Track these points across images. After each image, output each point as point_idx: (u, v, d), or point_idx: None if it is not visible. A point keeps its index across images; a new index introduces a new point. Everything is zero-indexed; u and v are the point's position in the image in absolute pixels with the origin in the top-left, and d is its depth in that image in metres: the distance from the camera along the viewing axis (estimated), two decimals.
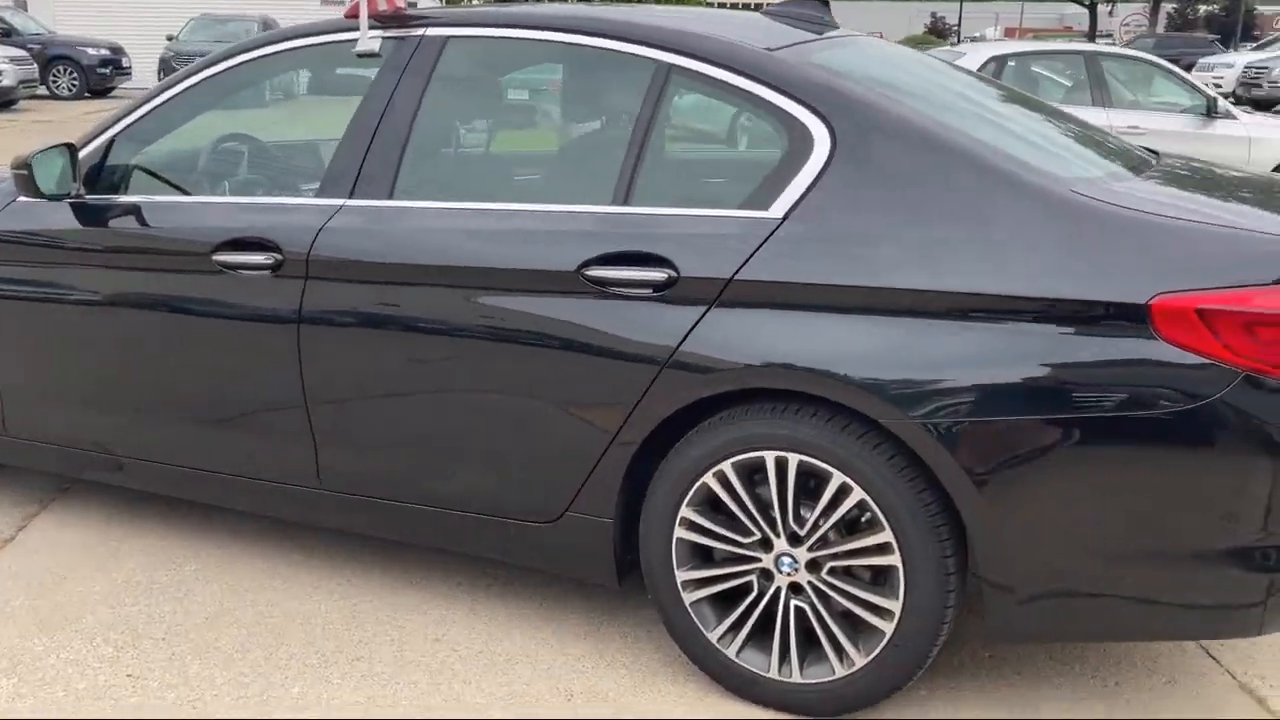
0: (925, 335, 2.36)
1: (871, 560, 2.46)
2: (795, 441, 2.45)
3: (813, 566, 2.52)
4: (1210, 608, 2.35)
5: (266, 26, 19.93)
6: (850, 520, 2.48)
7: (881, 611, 2.47)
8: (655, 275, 2.55)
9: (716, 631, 2.64)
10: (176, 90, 3.28)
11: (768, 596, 2.58)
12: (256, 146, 3.79)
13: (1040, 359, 2.29)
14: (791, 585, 2.55)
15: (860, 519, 2.47)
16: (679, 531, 2.61)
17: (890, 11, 60.18)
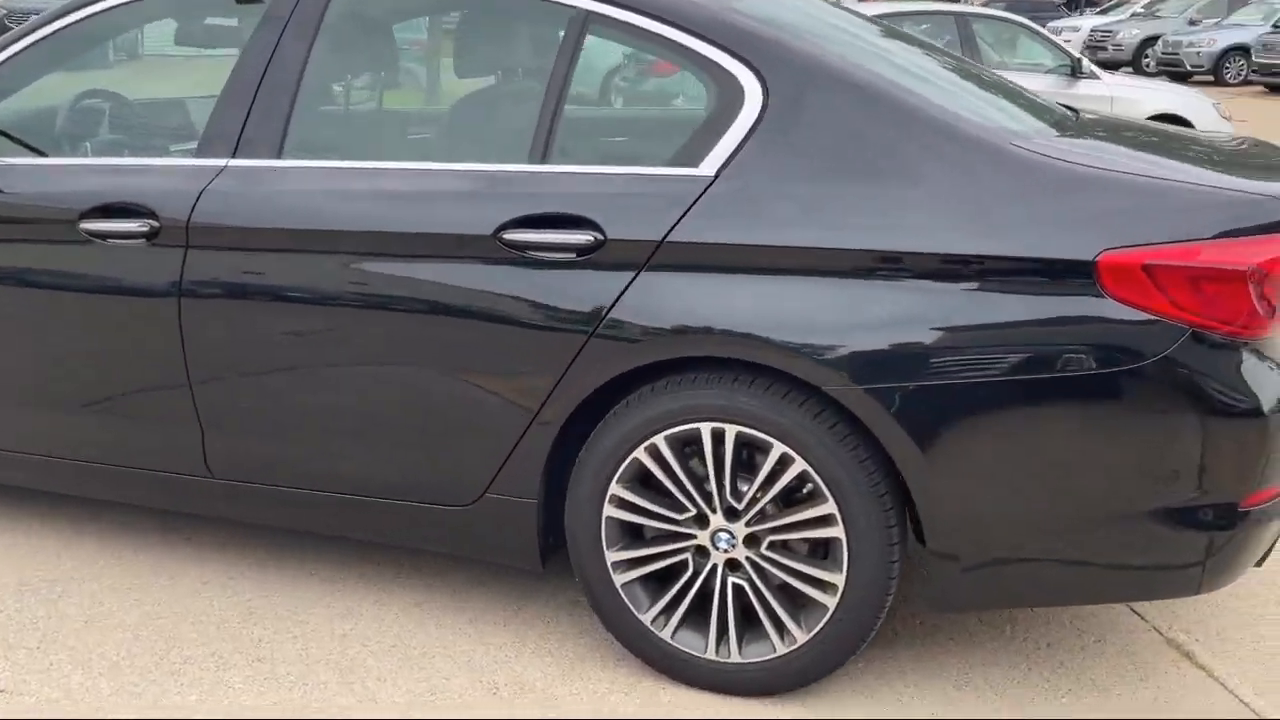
0: (868, 296, 2.25)
1: (813, 533, 2.37)
2: (732, 412, 2.33)
3: (751, 542, 2.41)
4: (1149, 568, 2.32)
5: None
6: (790, 492, 2.37)
7: (824, 585, 2.37)
8: (579, 238, 2.38)
9: (650, 613, 2.51)
10: (21, 46, 2.98)
11: (704, 574, 2.46)
12: (120, 103, 3.47)
13: (986, 319, 2.21)
14: (729, 562, 2.44)
15: (800, 490, 2.37)
16: (609, 510, 2.47)
17: None
